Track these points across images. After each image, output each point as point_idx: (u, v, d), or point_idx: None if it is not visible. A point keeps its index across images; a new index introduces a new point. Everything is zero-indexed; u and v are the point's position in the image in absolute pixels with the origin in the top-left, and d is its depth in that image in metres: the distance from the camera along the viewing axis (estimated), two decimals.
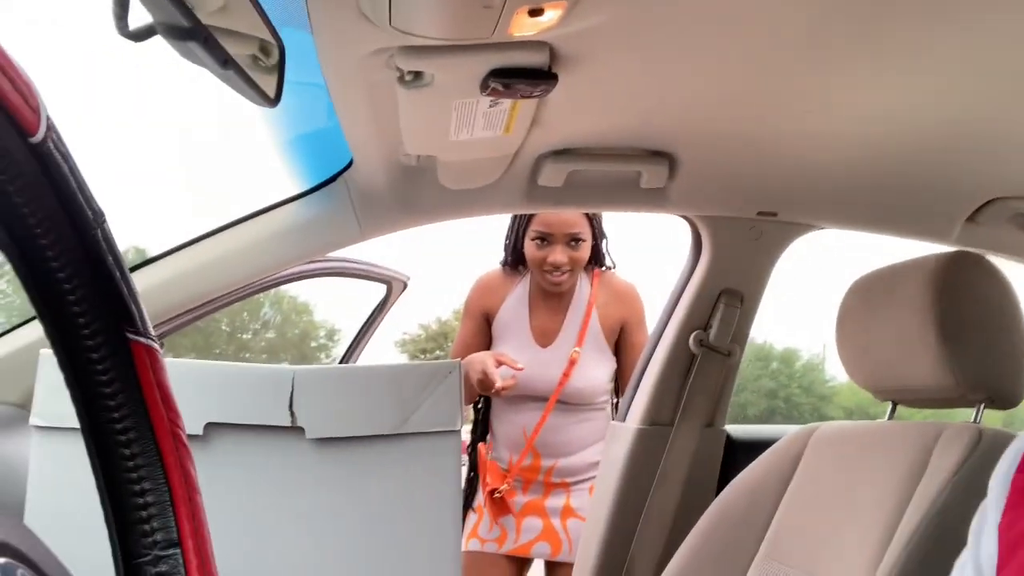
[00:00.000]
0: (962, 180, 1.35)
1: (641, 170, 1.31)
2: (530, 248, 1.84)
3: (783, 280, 1.64)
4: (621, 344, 1.93)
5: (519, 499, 1.88)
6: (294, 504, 0.88)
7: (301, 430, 0.87)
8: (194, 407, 0.85)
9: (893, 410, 1.25)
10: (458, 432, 0.90)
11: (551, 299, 1.91)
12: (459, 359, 0.95)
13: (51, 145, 0.34)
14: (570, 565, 1.76)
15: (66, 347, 0.40)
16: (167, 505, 0.42)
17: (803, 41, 0.92)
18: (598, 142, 1.25)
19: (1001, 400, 1.05)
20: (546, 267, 1.82)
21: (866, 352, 1.17)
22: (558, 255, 1.80)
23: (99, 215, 0.38)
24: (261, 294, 1.75)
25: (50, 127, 0.34)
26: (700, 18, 0.86)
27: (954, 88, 1.03)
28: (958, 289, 1.05)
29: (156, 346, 0.42)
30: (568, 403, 1.86)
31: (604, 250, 1.93)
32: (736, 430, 1.66)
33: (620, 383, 1.94)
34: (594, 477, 1.81)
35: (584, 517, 1.80)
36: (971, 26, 0.86)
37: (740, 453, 1.61)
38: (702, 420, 1.59)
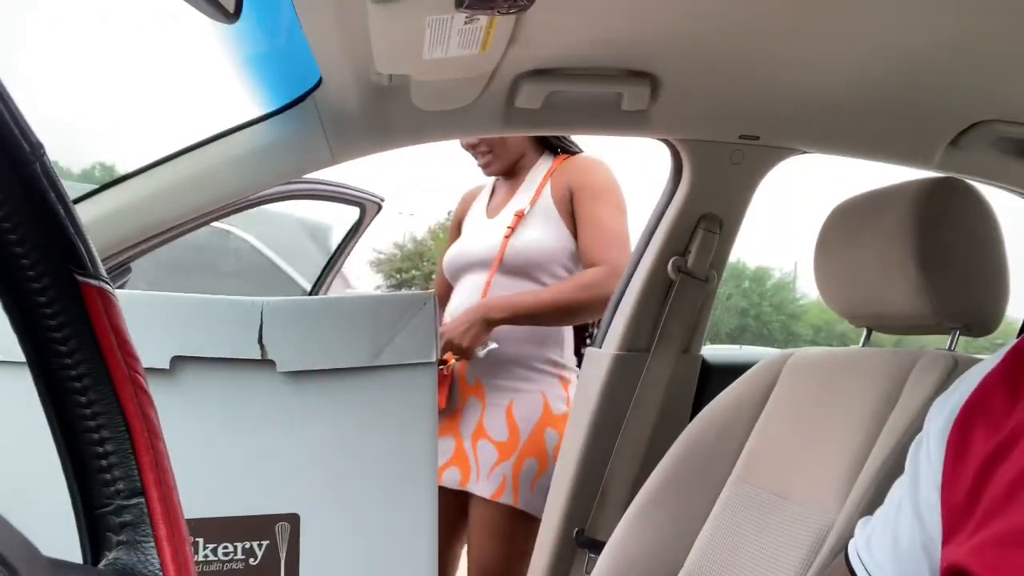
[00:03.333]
0: (947, 103, 1.32)
1: (623, 91, 1.27)
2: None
3: (757, 199, 1.60)
4: (577, 217, 1.72)
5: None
6: (266, 439, 0.86)
7: (272, 363, 0.85)
8: (160, 340, 0.82)
9: (868, 336, 1.25)
10: (434, 364, 0.88)
11: (509, 180, 1.86)
12: (432, 292, 0.92)
13: None
14: (483, 500, 1.65)
15: (11, 292, 0.37)
16: (128, 454, 0.40)
17: None
18: (578, 62, 1.20)
19: (977, 327, 1.05)
20: (471, 152, 1.82)
21: (844, 278, 1.17)
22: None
23: (37, 148, 0.35)
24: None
25: None
26: None
27: (945, 8, 1.00)
28: (940, 216, 1.04)
29: (108, 288, 0.40)
30: (512, 274, 1.71)
31: (558, 138, 1.83)
32: (711, 355, 1.67)
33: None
34: (519, 392, 1.68)
35: (496, 440, 1.67)
36: None
37: (715, 378, 1.62)
38: (679, 346, 1.59)
